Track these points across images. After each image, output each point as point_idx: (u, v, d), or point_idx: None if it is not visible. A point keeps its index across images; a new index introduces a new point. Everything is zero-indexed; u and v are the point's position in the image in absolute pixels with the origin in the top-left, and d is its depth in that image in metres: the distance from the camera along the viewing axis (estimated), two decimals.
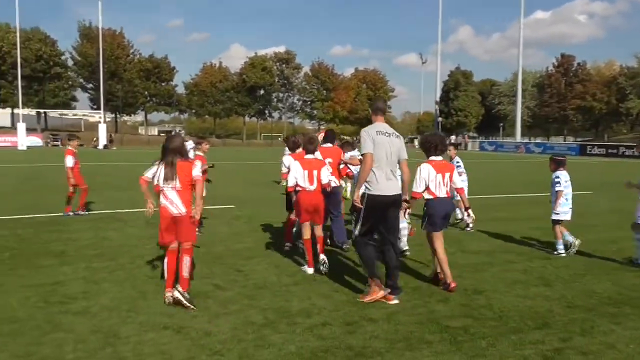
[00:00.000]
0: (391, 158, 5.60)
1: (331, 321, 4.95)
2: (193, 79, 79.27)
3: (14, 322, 4.83)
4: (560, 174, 7.97)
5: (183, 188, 5.48)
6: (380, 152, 5.52)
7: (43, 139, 57.41)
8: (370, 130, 5.64)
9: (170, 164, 5.48)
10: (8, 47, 62.46)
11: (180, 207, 5.46)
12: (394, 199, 5.62)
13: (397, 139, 5.71)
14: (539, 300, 5.72)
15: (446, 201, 6.24)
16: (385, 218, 5.65)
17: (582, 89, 72.59)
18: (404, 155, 5.76)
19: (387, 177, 5.56)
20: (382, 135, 5.60)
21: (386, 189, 5.53)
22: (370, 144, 5.51)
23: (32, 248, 7.82)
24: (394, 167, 5.67)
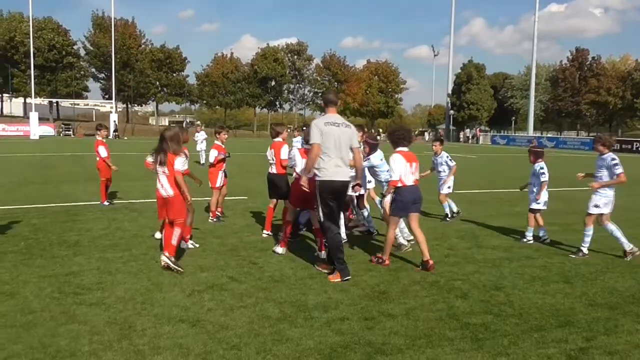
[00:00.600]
0: (341, 147, 5.96)
1: (349, 316, 4.86)
2: (204, 69, 79.20)
3: (29, 313, 4.80)
4: (544, 165, 8.28)
5: (170, 173, 6.32)
6: (329, 141, 5.89)
7: (55, 129, 57.78)
8: (318, 122, 6.04)
9: (163, 150, 6.32)
10: (21, 37, 62.74)
11: (169, 190, 6.35)
12: (343, 184, 6.03)
13: (347, 129, 6.07)
14: (560, 297, 5.60)
15: (415, 188, 6.69)
16: (338, 201, 6.13)
17: (596, 83, 71.57)
18: (355, 144, 6.17)
19: (336, 164, 5.94)
20: (331, 125, 5.96)
21: (334, 174, 5.93)
22: (318, 134, 5.88)
23: (47, 238, 7.80)
24: (345, 155, 6.03)
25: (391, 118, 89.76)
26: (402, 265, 6.66)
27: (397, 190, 6.61)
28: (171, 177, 6.33)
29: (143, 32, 75.56)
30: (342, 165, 6.00)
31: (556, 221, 10.11)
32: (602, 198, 7.35)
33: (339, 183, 5.97)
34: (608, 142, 7.41)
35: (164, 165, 6.32)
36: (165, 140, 6.37)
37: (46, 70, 65.99)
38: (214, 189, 9.29)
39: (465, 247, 7.83)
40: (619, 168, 7.16)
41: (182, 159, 6.49)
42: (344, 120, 6.17)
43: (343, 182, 6.01)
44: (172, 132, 6.48)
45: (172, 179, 6.33)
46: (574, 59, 75.64)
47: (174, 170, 6.30)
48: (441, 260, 6.98)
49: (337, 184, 5.96)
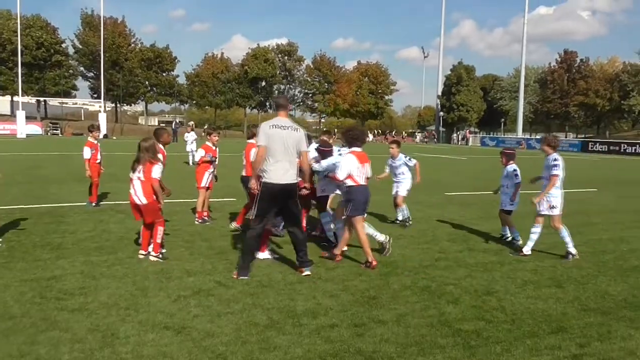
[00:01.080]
0: (288, 150, 6.00)
1: (339, 322, 4.75)
2: (194, 69, 78.81)
3: (9, 319, 4.64)
4: (516, 167, 8.36)
5: (145, 180, 6.52)
6: (274, 144, 5.93)
7: (43, 128, 57.12)
8: (264, 125, 6.10)
9: (138, 158, 6.57)
10: (8, 34, 61.99)
11: (142, 198, 6.56)
12: (287, 187, 6.04)
13: (295, 132, 6.09)
14: (552, 302, 5.54)
15: (366, 188, 6.83)
16: (284, 205, 6.18)
17: (584, 85, 72.16)
18: (303, 147, 6.21)
19: (282, 167, 5.98)
20: (278, 128, 6.01)
21: (279, 177, 5.97)
22: (264, 137, 5.96)
23: (30, 240, 7.61)
24: (291, 158, 6.06)
25: (381, 119, 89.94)
26: (392, 270, 6.56)
27: (350, 190, 6.73)
28: (146, 184, 6.55)
29: (133, 31, 75.15)
30: (289, 168, 6.05)
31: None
32: (556, 198, 7.38)
33: (280, 186, 6.00)
34: (553, 143, 7.45)
35: (139, 172, 6.58)
36: (141, 150, 6.62)
37: (34, 68, 65.29)
38: (199, 189, 9.19)
39: (456, 251, 7.75)
40: (556, 170, 7.23)
41: (159, 168, 6.67)
42: (293, 124, 6.19)
43: (285, 185, 6.03)
44: (148, 144, 6.67)
45: (148, 186, 6.55)
46: (563, 61, 76.28)
47: (150, 178, 6.53)
48: (432, 264, 6.90)
49: (278, 187, 6.00)
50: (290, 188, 6.10)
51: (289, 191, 6.10)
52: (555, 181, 7.24)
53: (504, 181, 8.41)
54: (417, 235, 8.75)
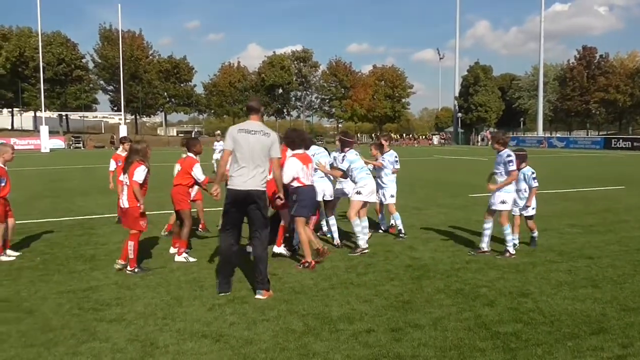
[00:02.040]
0: (254, 155, 5.65)
1: (375, 327, 4.73)
2: (212, 79, 79.64)
3: (49, 331, 4.71)
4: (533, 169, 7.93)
5: (130, 184, 6.54)
6: (241, 149, 5.65)
7: (65, 142, 58.17)
8: (232, 129, 5.82)
9: (129, 162, 6.63)
10: (30, 52, 63.36)
11: (125, 202, 6.61)
12: (249, 194, 5.63)
13: (265, 137, 5.71)
14: (590, 302, 5.44)
15: (313, 189, 7.08)
16: (246, 212, 5.73)
17: (605, 81, 71.00)
18: (274, 154, 5.77)
19: (247, 173, 5.64)
20: (245, 133, 5.70)
21: (242, 184, 5.63)
22: (230, 141, 5.71)
23: (63, 252, 7.74)
24: (259, 163, 5.68)
25: (399, 122, 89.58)
26: (423, 274, 6.52)
27: (297, 190, 6.87)
28: (130, 188, 6.54)
29: (150, 43, 76.29)
30: (254, 174, 5.64)
31: (577, 223, 9.94)
32: (508, 194, 7.37)
33: (244, 192, 5.62)
34: (502, 140, 7.52)
35: (126, 176, 6.63)
36: (133, 153, 6.72)
37: (56, 84, 66.59)
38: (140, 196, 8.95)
39: (484, 254, 7.66)
40: (512, 165, 7.22)
41: (143, 170, 6.61)
42: (264, 128, 5.80)
43: (250, 192, 5.62)
44: (140, 147, 6.78)
45: (131, 190, 6.53)
46: (582, 57, 75.17)
47: (132, 180, 6.53)
48: (463, 267, 6.84)
49: (241, 193, 5.62)
50: (250, 194, 5.64)
51: (247, 198, 5.65)
52: (515, 176, 7.30)
53: (519, 185, 7.82)
54: (445, 238, 8.69)
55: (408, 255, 7.49)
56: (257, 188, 5.68)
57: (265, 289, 5.65)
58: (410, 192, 14.86)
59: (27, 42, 64.76)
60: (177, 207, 7.42)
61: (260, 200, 5.71)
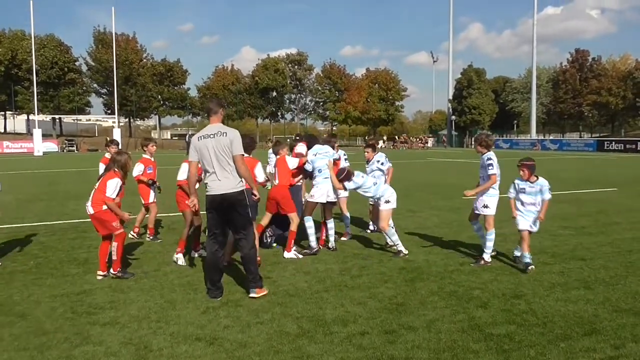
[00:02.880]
0: (218, 157, 5.58)
1: (369, 330, 4.75)
2: (205, 82, 79.52)
3: (42, 335, 4.70)
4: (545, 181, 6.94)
5: (98, 191, 6.39)
6: (204, 156, 5.62)
7: (59, 145, 57.90)
8: (194, 139, 5.79)
9: (106, 169, 6.57)
10: (23, 55, 63.09)
11: (89, 208, 6.41)
12: (224, 197, 5.59)
13: (223, 137, 5.61)
14: (582, 304, 5.48)
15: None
16: (227, 216, 5.69)
17: (597, 84, 71.50)
18: (235, 151, 5.62)
19: (217, 176, 5.60)
20: (204, 139, 5.65)
21: (216, 188, 5.60)
22: (193, 152, 5.72)
23: (57, 256, 7.72)
24: (225, 165, 5.60)
25: (392, 125, 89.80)
26: (417, 276, 6.54)
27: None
28: (97, 194, 6.36)
29: (144, 46, 76.10)
30: (224, 177, 5.59)
31: (570, 225, 10.01)
32: (491, 198, 7.13)
33: (218, 197, 5.59)
34: (485, 142, 7.16)
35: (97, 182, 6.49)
36: (112, 161, 6.60)
37: (49, 86, 66.34)
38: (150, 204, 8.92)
39: (480, 254, 7.69)
40: (492, 169, 6.97)
41: (115, 184, 6.37)
42: (221, 128, 5.68)
43: (225, 195, 5.58)
44: (120, 158, 6.57)
45: (97, 196, 6.35)
46: (574, 60, 75.70)
47: (104, 189, 6.34)
48: (457, 269, 6.87)
49: (217, 197, 5.59)
50: (225, 197, 5.59)
51: (229, 201, 5.60)
52: (494, 179, 6.99)
53: (528, 198, 6.94)
54: (439, 241, 8.72)
55: (402, 257, 7.50)
56: (232, 190, 5.59)
57: (258, 287, 5.67)
58: (404, 195, 14.89)
59: (19, 45, 64.49)
60: (180, 208, 7.42)
61: (238, 202, 5.62)
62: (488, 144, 7.19)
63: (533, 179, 6.88)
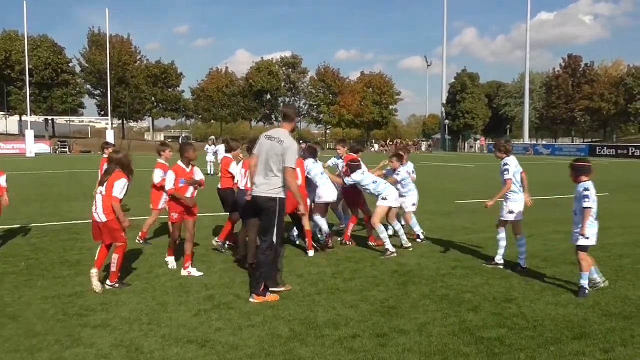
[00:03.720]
0: (268, 161, 5.71)
1: (360, 333, 4.76)
2: (200, 84, 79.40)
3: (33, 337, 4.68)
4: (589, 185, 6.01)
5: (107, 195, 6.08)
6: (259, 155, 5.84)
7: (51, 146, 57.59)
8: (262, 134, 6.06)
9: (107, 172, 6.20)
10: (17, 56, 62.76)
11: (102, 216, 6.09)
12: (256, 200, 5.77)
13: (279, 145, 5.67)
14: (572, 308, 5.52)
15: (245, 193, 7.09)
16: (258, 216, 5.92)
17: (590, 89, 71.98)
18: (288, 163, 5.60)
19: (259, 178, 5.78)
20: (266, 139, 5.86)
21: (255, 189, 5.82)
22: (257, 146, 5.94)
23: (48, 258, 7.69)
24: (270, 170, 5.70)
25: (386, 129, 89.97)
26: (409, 280, 6.57)
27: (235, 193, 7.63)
28: (107, 200, 6.07)
29: (138, 48, 75.84)
30: (265, 180, 5.70)
31: (561, 229, 10.05)
32: (515, 203, 7.10)
33: (254, 198, 5.80)
34: (504, 148, 7.22)
35: (103, 187, 6.13)
36: (112, 162, 6.25)
37: (42, 88, 65.98)
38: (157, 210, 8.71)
39: (472, 258, 7.75)
40: (507, 174, 7.00)
41: (122, 184, 6.14)
42: (281, 136, 5.75)
43: (256, 198, 5.75)
44: (119, 156, 6.31)
45: (108, 202, 6.07)
46: (567, 65, 76.17)
47: (111, 194, 6.06)
48: (449, 273, 6.90)
49: (254, 198, 5.81)
50: (260, 201, 5.72)
51: (260, 204, 5.74)
52: (509, 185, 6.99)
53: (575, 205, 6.15)
54: (431, 244, 8.76)
55: (394, 261, 7.53)
56: (265, 195, 5.69)
57: (256, 294, 5.69)
58: None
59: (13, 46, 64.16)
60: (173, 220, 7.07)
61: (266, 208, 5.70)
62: (507, 150, 7.21)
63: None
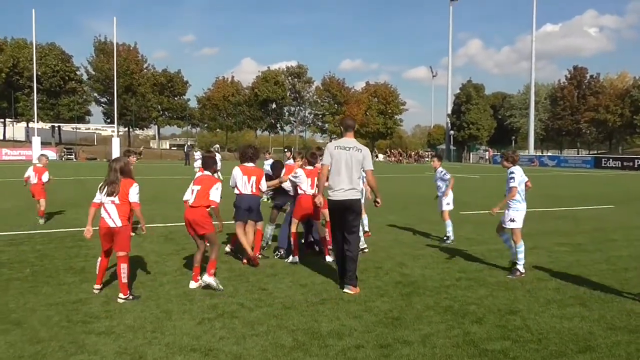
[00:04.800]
0: (350, 168, 6.43)
1: (364, 343, 4.75)
2: (205, 93, 79.83)
3: (37, 343, 4.69)
4: None
5: (121, 203, 6.11)
6: (337, 163, 6.44)
7: (57, 153, 57.89)
8: (330, 145, 6.68)
9: (113, 181, 6.13)
10: (25, 63, 63.32)
11: (117, 221, 6.11)
12: (345, 203, 6.46)
13: (358, 152, 6.50)
14: (577, 321, 5.49)
15: (249, 197, 7.69)
16: (343, 220, 6.54)
17: (595, 101, 71.95)
18: (368, 165, 6.57)
19: (343, 184, 6.42)
20: (340, 149, 6.51)
21: (338, 194, 6.45)
22: (328, 157, 6.52)
23: (53, 264, 7.71)
24: (353, 176, 6.47)
25: (391, 139, 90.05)
26: (413, 290, 6.55)
27: (236, 197, 7.76)
28: (122, 207, 6.07)
29: (145, 56, 76.42)
30: (349, 186, 6.44)
31: (566, 241, 10.03)
32: (517, 212, 7.42)
33: (340, 202, 6.47)
34: (511, 158, 7.61)
35: (114, 196, 6.06)
36: (115, 171, 6.15)
37: (50, 95, 66.49)
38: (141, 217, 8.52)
39: (476, 270, 7.72)
40: (512, 182, 7.36)
41: (137, 189, 6.21)
42: (356, 145, 6.58)
43: (344, 201, 6.45)
44: (122, 163, 6.27)
45: (124, 208, 6.09)
46: (572, 77, 76.21)
47: (128, 200, 6.10)
48: (453, 284, 6.88)
49: (339, 202, 6.47)
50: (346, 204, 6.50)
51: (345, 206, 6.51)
52: (514, 192, 7.33)
53: None
54: (435, 255, 8.74)
55: (398, 271, 7.52)
56: (354, 197, 6.51)
57: (353, 285, 6.40)
58: (402, 208, 14.96)
59: (21, 53, 64.77)
60: (201, 231, 6.59)
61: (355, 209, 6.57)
62: (514, 159, 7.60)
63: None
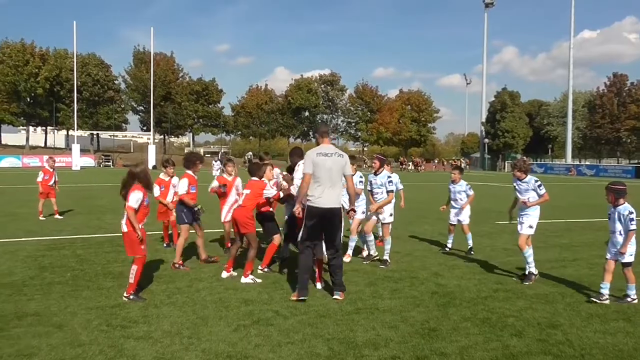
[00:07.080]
0: (332, 175, 6.39)
1: (400, 354, 4.69)
2: (239, 100, 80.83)
3: (78, 346, 4.80)
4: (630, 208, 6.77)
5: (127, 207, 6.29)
6: (321, 171, 6.33)
7: (96, 160, 59.50)
8: (310, 153, 6.51)
9: (123, 186, 6.35)
10: (66, 73, 65.41)
11: (123, 226, 6.31)
12: (330, 211, 6.41)
13: (340, 158, 6.50)
14: (621, 336, 5.30)
15: None
16: (327, 228, 6.50)
17: (636, 109, 69.80)
18: (348, 171, 6.57)
19: (326, 191, 6.36)
20: (322, 156, 6.42)
21: (323, 202, 6.35)
22: (310, 165, 6.38)
23: (93, 269, 7.90)
24: (336, 183, 6.45)
25: (424, 147, 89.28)
26: (449, 301, 6.45)
27: None
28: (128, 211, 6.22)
29: (181, 65, 78.01)
30: (332, 192, 6.41)
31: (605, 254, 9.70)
32: (535, 219, 7.61)
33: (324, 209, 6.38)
34: (524, 167, 7.75)
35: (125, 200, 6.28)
36: (131, 177, 6.33)
37: (89, 104, 68.46)
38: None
39: (513, 281, 7.56)
40: (543, 188, 7.64)
41: (138, 195, 6.25)
42: (337, 150, 6.62)
43: (330, 209, 6.41)
44: (138, 170, 6.41)
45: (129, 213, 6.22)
46: (612, 84, 74.21)
47: (127, 205, 6.23)
48: (490, 295, 6.74)
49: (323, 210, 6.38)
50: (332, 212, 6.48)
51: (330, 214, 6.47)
52: (546, 197, 7.68)
53: (613, 226, 6.83)
54: (471, 266, 8.59)
55: (434, 281, 7.42)
56: (337, 205, 6.50)
57: (342, 291, 6.48)
58: (437, 218, 14.76)
59: (63, 64, 66.93)
60: (243, 230, 7.25)
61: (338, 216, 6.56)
62: (527, 169, 7.78)
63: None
